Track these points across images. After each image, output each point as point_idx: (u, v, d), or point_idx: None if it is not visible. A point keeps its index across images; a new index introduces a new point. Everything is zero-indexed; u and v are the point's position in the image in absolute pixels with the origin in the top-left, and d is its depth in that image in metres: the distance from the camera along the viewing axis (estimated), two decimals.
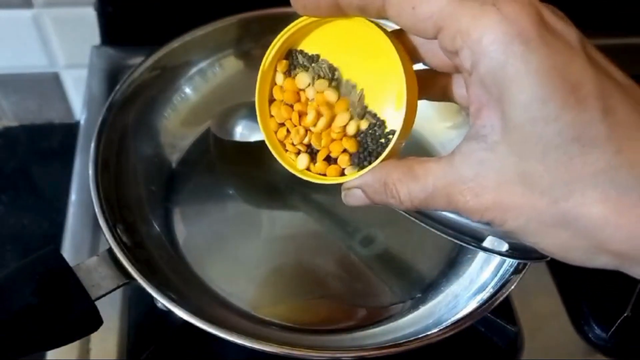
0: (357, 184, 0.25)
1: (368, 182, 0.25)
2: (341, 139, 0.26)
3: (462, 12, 0.19)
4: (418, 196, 0.23)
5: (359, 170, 0.25)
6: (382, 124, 0.25)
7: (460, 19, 0.19)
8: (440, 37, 0.20)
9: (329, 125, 0.26)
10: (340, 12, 0.23)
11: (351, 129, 0.25)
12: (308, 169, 0.27)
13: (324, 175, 0.27)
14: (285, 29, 0.25)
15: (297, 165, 0.27)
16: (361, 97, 0.25)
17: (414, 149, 0.46)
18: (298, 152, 0.27)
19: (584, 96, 0.18)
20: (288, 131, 0.27)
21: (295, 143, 0.27)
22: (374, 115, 0.25)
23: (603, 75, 0.19)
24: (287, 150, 0.28)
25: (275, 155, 0.28)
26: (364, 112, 0.25)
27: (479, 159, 0.21)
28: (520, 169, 0.20)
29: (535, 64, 0.18)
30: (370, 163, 0.25)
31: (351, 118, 0.25)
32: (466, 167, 0.21)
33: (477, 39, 0.19)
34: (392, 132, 0.24)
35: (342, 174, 0.26)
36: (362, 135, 0.25)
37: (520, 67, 0.18)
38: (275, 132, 0.28)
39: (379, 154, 0.25)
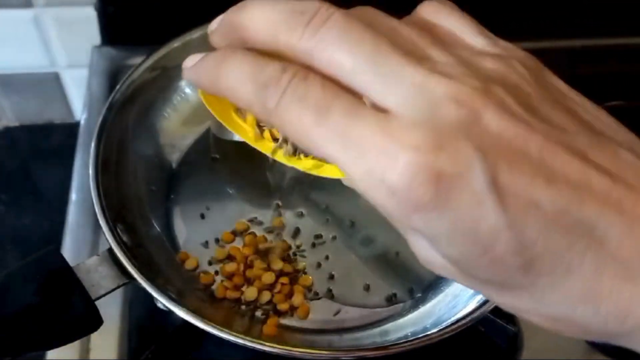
0: None
1: None
2: None
3: (355, 181, 0.18)
4: None
5: None
6: None
7: (357, 184, 0.18)
8: None
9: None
10: None
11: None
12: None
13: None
14: None
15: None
16: None
17: None
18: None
19: (499, 256, 0.17)
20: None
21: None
22: None
23: (521, 211, 0.17)
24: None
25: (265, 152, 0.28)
26: None
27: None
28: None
29: (442, 231, 0.17)
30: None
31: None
32: None
33: (379, 208, 0.18)
34: None
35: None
36: None
37: (426, 237, 0.18)
38: None
39: None
